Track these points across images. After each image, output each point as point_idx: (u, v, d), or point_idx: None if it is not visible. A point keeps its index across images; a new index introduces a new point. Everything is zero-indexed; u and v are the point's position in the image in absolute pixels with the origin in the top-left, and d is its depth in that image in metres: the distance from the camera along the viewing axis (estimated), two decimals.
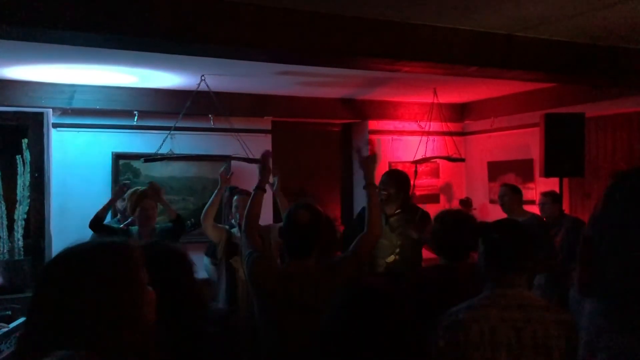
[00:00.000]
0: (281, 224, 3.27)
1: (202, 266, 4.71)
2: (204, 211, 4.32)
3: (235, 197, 4.49)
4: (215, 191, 4.41)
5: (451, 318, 2.09)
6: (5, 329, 3.63)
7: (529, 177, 6.29)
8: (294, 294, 2.65)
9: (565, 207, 5.52)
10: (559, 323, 2.09)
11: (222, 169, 4.75)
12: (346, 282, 2.60)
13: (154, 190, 4.56)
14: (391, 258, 4.09)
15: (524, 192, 5.37)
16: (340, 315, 1.65)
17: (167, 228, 4.46)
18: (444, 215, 3.04)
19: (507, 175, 6.59)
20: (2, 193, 5.02)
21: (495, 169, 6.79)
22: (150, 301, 1.29)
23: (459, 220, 2.95)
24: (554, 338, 2.06)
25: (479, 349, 2.03)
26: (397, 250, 4.11)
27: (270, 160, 3.21)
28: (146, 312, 1.26)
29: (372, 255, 4.08)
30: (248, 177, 5.38)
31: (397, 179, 4.30)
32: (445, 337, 2.06)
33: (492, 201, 6.77)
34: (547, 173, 4.99)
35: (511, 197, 5.09)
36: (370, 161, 3.11)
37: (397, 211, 4.22)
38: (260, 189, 3.05)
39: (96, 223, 4.37)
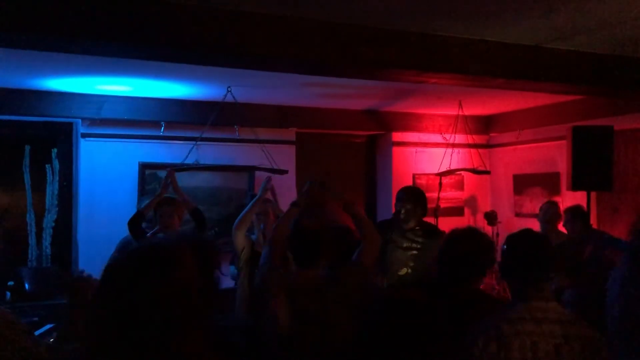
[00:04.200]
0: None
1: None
2: (239, 218, 4.20)
3: None
4: (254, 200, 4.32)
5: (491, 330, 2.04)
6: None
7: (555, 190, 6.20)
8: (300, 305, 2.63)
9: (593, 221, 5.43)
10: (591, 340, 2.05)
11: (266, 180, 4.66)
12: (352, 292, 2.61)
13: (169, 177, 4.54)
14: (404, 271, 4.09)
15: None
16: (376, 325, 1.65)
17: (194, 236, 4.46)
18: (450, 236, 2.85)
19: (533, 188, 6.51)
20: (31, 202, 5.11)
21: (521, 182, 6.71)
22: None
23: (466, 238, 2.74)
24: (586, 355, 2.02)
25: None
26: (411, 263, 4.11)
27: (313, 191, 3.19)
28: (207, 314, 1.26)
29: (386, 264, 4.08)
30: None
31: (413, 194, 4.30)
32: (485, 349, 2.01)
33: (517, 215, 6.69)
34: (575, 187, 4.91)
35: (554, 215, 5.04)
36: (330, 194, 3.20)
37: (416, 228, 4.20)
38: (295, 205, 3.05)
39: (137, 220, 4.26)
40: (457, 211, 6.94)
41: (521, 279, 2.16)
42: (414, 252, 4.12)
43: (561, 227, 5.14)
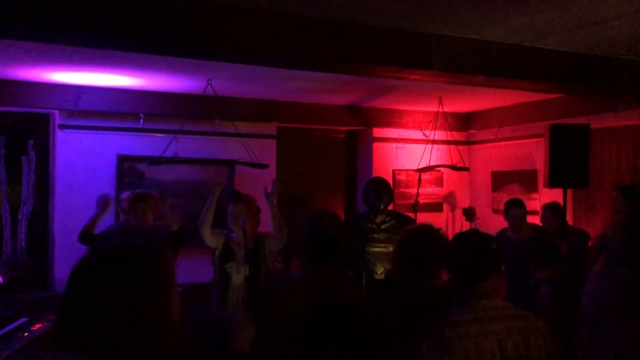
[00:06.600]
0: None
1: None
2: (200, 218, 4.14)
3: (230, 205, 4.23)
4: (209, 198, 4.23)
5: (436, 335, 2.05)
6: (4, 331, 3.63)
7: (532, 187, 6.28)
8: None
9: (569, 218, 5.51)
10: (535, 331, 2.09)
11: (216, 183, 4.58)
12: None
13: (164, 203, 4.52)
14: (380, 270, 4.11)
15: (527, 202, 5.36)
16: (311, 329, 1.67)
17: (168, 234, 4.39)
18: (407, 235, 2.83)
19: (511, 185, 6.58)
20: (6, 193, 5.03)
21: (499, 179, 6.78)
22: (177, 301, 1.27)
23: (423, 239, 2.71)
24: (532, 347, 2.06)
25: None
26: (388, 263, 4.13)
27: None
28: (174, 313, 1.25)
29: (369, 263, 4.10)
30: (251, 181, 5.39)
31: (389, 187, 4.35)
32: (430, 355, 2.01)
33: (495, 211, 6.76)
34: (551, 184, 4.98)
35: (524, 217, 5.05)
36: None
37: (388, 219, 4.23)
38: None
39: (86, 238, 4.29)
40: (436, 207, 6.99)
41: (462, 279, 2.17)
42: (391, 248, 4.14)
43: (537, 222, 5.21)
